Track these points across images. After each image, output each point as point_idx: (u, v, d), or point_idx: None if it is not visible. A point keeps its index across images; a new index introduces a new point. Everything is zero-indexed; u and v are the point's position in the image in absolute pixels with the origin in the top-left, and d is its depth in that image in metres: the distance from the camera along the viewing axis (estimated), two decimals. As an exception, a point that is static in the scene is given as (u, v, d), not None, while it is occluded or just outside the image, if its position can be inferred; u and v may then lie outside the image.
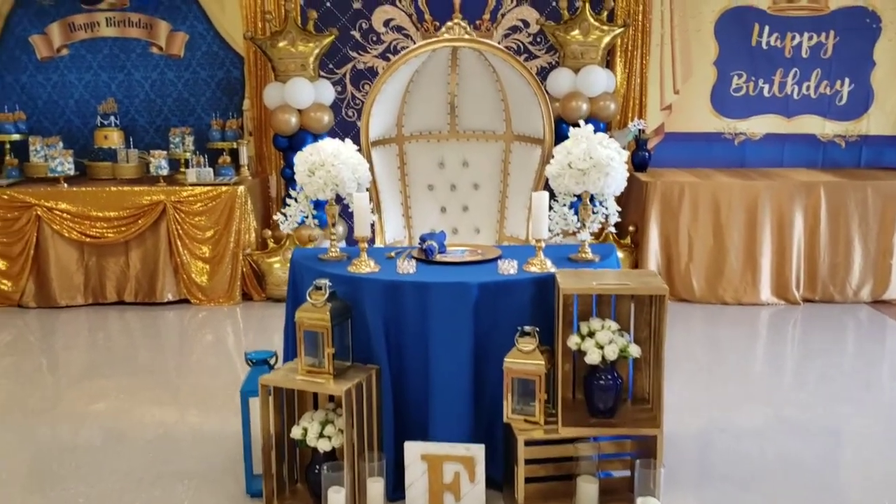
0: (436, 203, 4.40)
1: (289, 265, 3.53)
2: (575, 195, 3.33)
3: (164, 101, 6.63)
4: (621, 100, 6.47)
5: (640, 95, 6.52)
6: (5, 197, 5.89)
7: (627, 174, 3.32)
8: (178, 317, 5.89)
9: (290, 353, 3.35)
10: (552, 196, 3.27)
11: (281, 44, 6.03)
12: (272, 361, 3.30)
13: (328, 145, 3.28)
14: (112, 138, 6.37)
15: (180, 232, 5.95)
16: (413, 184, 4.34)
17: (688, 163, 6.60)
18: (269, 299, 6.10)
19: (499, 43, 6.35)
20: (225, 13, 6.44)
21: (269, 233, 6.13)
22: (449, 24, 4.13)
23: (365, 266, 3.20)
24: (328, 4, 6.42)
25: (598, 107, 6.10)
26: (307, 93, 6.04)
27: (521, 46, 6.53)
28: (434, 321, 3.03)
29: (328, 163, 3.22)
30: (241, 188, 5.98)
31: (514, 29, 6.52)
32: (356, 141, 3.61)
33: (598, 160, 3.15)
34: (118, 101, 6.55)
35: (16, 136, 6.36)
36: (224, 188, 5.97)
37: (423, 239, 3.49)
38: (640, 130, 6.34)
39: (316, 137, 6.18)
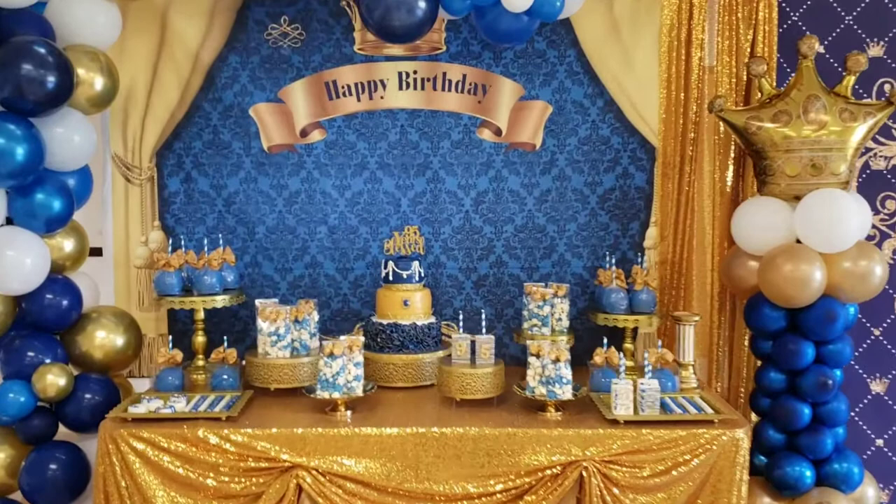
0: None
1: None
2: None
3: (492, 229, 3.49)
4: None
5: None
6: (234, 449, 2.67)
7: None
8: None
9: None
10: None
11: (788, 122, 2.95)
12: None
13: None
14: (415, 306, 3.20)
15: (607, 525, 2.70)
16: None
17: None
18: None
19: None
20: (633, 67, 3.36)
21: (765, 515, 2.87)
22: None
23: None
24: (822, 45, 3.34)
25: None
26: (850, 220, 2.89)
27: None
28: None
29: None
30: (741, 433, 2.72)
31: None
32: None
33: None
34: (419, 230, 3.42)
35: (221, 298, 3.21)
36: (704, 430, 2.72)
37: None
38: None
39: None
